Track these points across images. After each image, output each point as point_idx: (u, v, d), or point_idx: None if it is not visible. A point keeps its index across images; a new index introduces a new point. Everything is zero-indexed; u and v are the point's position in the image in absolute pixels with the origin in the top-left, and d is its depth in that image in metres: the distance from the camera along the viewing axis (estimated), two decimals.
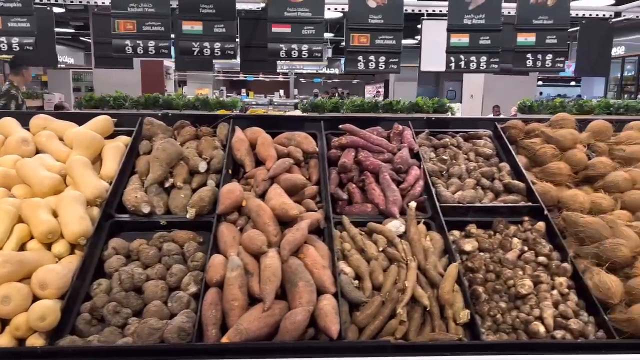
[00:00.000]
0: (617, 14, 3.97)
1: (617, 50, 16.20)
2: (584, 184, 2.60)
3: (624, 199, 2.38)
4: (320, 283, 1.88)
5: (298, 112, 9.29)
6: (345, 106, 8.13)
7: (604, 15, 3.87)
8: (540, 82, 26.99)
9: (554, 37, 2.99)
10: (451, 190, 2.45)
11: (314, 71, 24.64)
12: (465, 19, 3.38)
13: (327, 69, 26.18)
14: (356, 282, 1.97)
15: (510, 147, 2.73)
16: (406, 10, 4.51)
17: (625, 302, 1.93)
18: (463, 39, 3.29)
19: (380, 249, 2.07)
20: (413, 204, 2.24)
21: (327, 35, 18.09)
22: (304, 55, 4.09)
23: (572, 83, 25.76)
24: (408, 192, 2.39)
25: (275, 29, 4.03)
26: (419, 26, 4.78)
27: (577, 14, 3.81)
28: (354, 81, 28.36)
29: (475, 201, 2.41)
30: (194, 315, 1.78)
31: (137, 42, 3.93)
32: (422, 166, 2.53)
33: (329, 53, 20.92)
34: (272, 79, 26.43)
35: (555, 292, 1.99)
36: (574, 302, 1.97)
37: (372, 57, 3.95)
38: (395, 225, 2.20)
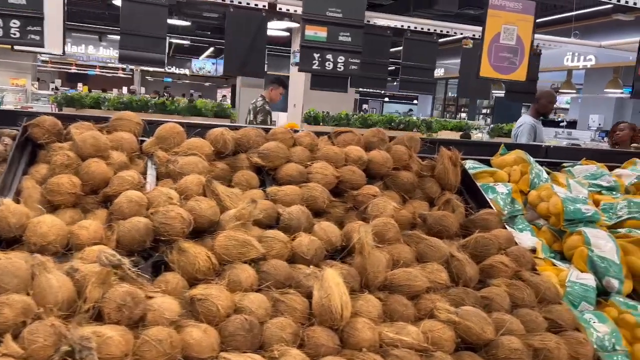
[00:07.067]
0: None
1: (437, 72, 17.74)
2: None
3: (120, 228, 1.73)
4: None
5: None
6: (108, 102, 7.09)
7: None
8: (387, 99, 28.41)
9: None
10: None
11: (162, 70, 23.07)
12: None
13: (176, 69, 24.75)
14: None
15: (15, 151, 1.97)
16: None
17: None
18: None
19: None
20: None
21: None
22: None
23: (415, 101, 27.42)
24: None
25: None
26: None
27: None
28: (206, 84, 27.20)
29: None
30: None
31: None
32: None
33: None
34: (114, 74, 24.28)
35: None
36: None
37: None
38: None
